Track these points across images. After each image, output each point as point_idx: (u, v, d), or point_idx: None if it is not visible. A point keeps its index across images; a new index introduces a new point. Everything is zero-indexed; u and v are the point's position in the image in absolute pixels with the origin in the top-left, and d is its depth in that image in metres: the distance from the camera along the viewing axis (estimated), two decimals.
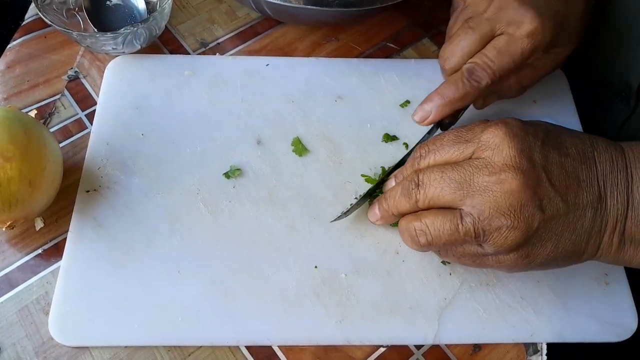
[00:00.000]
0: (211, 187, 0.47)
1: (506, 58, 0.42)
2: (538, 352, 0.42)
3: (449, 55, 0.45)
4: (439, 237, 0.38)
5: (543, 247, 0.36)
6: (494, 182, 0.36)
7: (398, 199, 0.40)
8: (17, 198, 0.41)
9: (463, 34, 0.44)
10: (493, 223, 0.35)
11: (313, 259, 0.44)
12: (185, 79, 0.53)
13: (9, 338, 0.41)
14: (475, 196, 0.36)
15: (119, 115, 0.50)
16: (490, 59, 0.43)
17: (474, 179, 0.36)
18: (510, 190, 0.35)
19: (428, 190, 0.38)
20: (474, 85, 0.43)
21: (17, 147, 0.41)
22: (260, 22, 0.58)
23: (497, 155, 0.36)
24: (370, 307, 0.43)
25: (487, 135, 0.37)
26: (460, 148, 0.38)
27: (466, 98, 0.44)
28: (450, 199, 0.37)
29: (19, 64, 0.54)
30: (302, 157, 0.49)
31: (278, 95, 0.52)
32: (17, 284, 0.44)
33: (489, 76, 0.43)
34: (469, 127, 0.39)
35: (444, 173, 0.37)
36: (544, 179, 0.36)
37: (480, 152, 0.37)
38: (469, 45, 0.44)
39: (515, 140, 0.36)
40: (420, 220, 0.38)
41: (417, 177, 0.39)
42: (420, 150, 0.40)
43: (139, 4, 0.56)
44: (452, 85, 0.43)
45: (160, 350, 0.41)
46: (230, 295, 0.43)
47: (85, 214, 0.45)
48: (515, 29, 0.42)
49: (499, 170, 0.36)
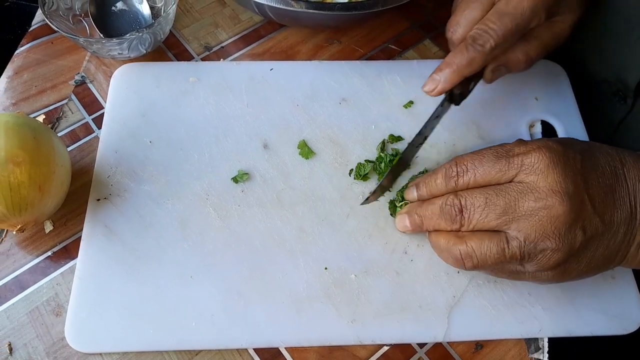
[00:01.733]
0: (220, 192, 0.48)
1: (507, 19, 0.43)
2: (540, 349, 0.43)
3: (454, 27, 0.45)
4: (485, 260, 0.38)
5: (579, 264, 0.38)
6: (541, 208, 0.36)
7: (437, 220, 0.40)
8: (27, 202, 0.41)
9: (465, 5, 0.45)
10: (539, 246, 0.37)
11: (323, 260, 0.45)
12: (191, 85, 0.53)
13: (20, 339, 0.42)
14: (521, 220, 0.37)
15: (126, 123, 0.51)
16: (492, 22, 0.43)
17: (519, 204, 0.37)
18: (557, 215, 0.36)
19: (473, 216, 0.38)
20: (478, 49, 0.43)
21: (26, 152, 0.41)
22: (263, 26, 0.59)
23: (542, 180, 0.37)
24: (380, 306, 0.43)
25: (532, 159, 0.38)
26: (502, 170, 0.38)
27: (473, 63, 0.43)
28: (495, 224, 0.38)
29: (26, 69, 0.55)
30: (309, 159, 0.50)
31: (283, 99, 0.53)
32: (27, 285, 0.44)
33: (493, 39, 0.43)
34: (508, 147, 0.39)
35: (489, 199, 0.38)
36: (586, 202, 0.37)
37: (524, 176, 0.38)
38: (472, 14, 0.44)
39: (559, 166, 0.37)
40: (466, 245, 0.39)
41: (459, 202, 0.39)
42: (457, 168, 0.40)
43: (143, 10, 0.56)
44: (458, 53, 0.44)
45: (168, 351, 0.42)
46: (242, 298, 0.43)
47: (97, 221, 0.46)
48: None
49: (545, 196, 0.37)
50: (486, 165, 0.39)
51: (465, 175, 0.40)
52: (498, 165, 0.39)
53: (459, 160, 0.41)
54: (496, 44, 0.43)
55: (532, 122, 0.53)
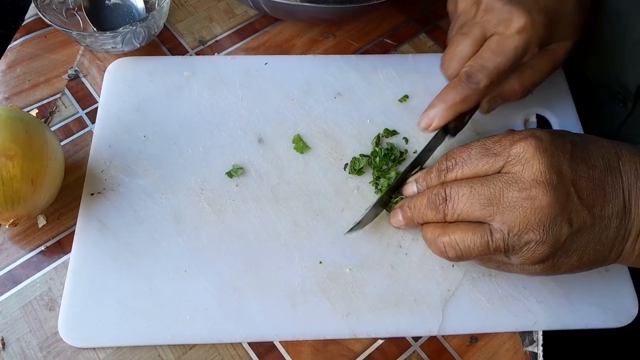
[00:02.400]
0: (214, 187, 0.48)
1: (500, 57, 0.42)
2: (534, 342, 0.43)
3: (447, 62, 0.45)
4: (469, 252, 0.38)
5: (568, 258, 0.37)
6: (524, 198, 0.36)
7: (424, 210, 0.40)
8: (20, 196, 0.41)
9: (457, 41, 0.44)
10: (522, 238, 0.36)
11: (318, 254, 0.45)
12: (185, 79, 0.53)
13: (13, 333, 0.42)
14: (505, 212, 0.36)
15: (121, 118, 0.51)
16: (485, 60, 0.43)
17: (504, 195, 0.37)
18: (540, 207, 0.36)
19: (457, 205, 0.38)
20: (472, 87, 0.43)
21: (19, 146, 0.41)
22: (258, 20, 0.58)
23: (527, 170, 0.37)
24: (375, 300, 0.43)
25: (517, 149, 0.37)
26: (490, 161, 0.38)
27: (467, 101, 0.43)
28: (479, 214, 0.37)
29: (19, 63, 0.55)
30: (304, 154, 0.50)
31: (278, 93, 0.53)
32: (20, 280, 0.44)
33: (487, 77, 0.43)
34: (496, 138, 0.39)
35: (473, 188, 0.38)
36: (572, 193, 0.36)
37: (510, 167, 0.37)
38: (463, 50, 0.44)
39: (545, 155, 0.37)
40: (449, 236, 0.38)
41: (444, 191, 0.39)
42: (447, 162, 0.40)
43: (137, 3, 0.56)
44: (452, 90, 0.43)
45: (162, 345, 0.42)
46: (237, 293, 0.43)
47: (91, 216, 0.46)
48: (505, 27, 0.43)
49: (529, 187, 0.36)
50: (474, 157, 0.39)
51: (455, 169, 0.40)
52: (486, 157, 0.39)
53: (449, 154, 0.41)
54: (490, 81, 0.43)
55: (527, 116, 0.53)
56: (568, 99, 0.54)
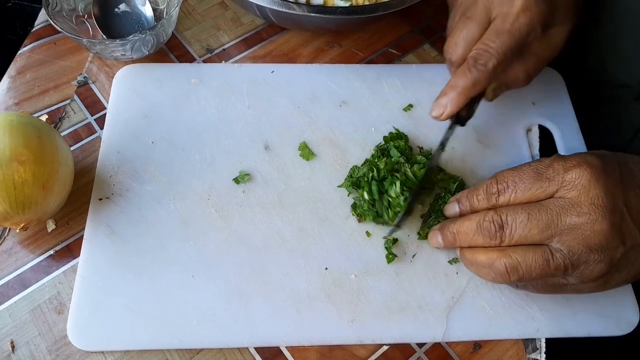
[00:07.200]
0: (221, 193, 0.48)
1: (505, 37, 0.43)
2: (537, 349, 0.44)
3: (453, 48, 0.46)
4: (530, 272, 0.38)
5: (619, 273, 0.39)
6: (584, 222, 0.37)
7: (474, 236, 0.40)
8: (31, 200, 0.42)
9: (462, 25, 0.45)
10: (582, 258, 0.37)
11: (323, 260, 0.46)
12: (193, 86, 0.54)
13: (22, 336, 0.43)
14: (564, 234, 0.38)
15: (129, 124, 0.51)
16: (491, 41, 0.43)
17: (562, 219, 0.38)
18: (600, 230, 0.37)
19: (515, 232, 0.39)
20: (481, 69, 0.43)
21: (30, 151, 0.42)
22: (264, 29, 0.59)
23: (584, 195, 0.38)
24: (380, 306, 0.44)
25: (572, 175, 0.38)
26: (543, 186, 0.39)
27: (477, 84, 0.44)
28: (538, 238, 0.38)
29: (29, 69, 0.55)
30: (309, 161, 0.50)
31: (284, 101, 0.53)
32: (30, 284, 0.45)
33: (495, 58, 0.43)
34: (547, 162, 0.40)
35: (531, 215, 0.38)
36: (626, 215, 0.38)
37: (565, 192, 0.38)
38: (469, 34, 0.45)
39: (600, 181, 0.38)
40: (511, 257, 0.39)
41: (500, 218, 0.39)
42: (498, 185, 0.41)
43: (146, 11, 0.57)
44: (462, 75, 0.44)
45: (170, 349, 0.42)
46: (243, 298, 0.44)
47: (99, 221, 0.46)
48: (508, 7, 0.43)
49: (587, 211, 0.37)
50: (527, 182, 0.40)
51: (507, 193, 0.40)
52: (539, 182, 0.39)
53: (500, 177, 0.41)
54: (498, 62, 0.43)
55: (529, 127, 0.54)
56: (569, 110, 0.54)
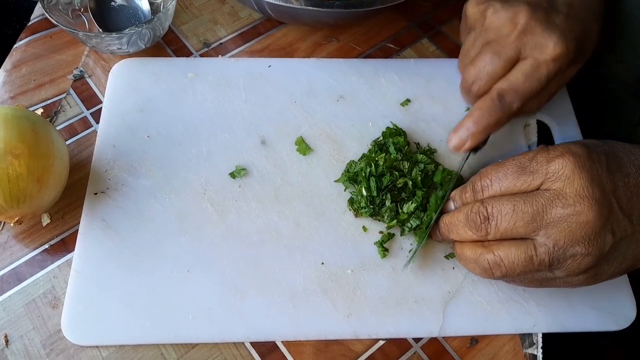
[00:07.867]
0: (217, 187, 0.48)
1: (533, 82, 0.43)
2: (534, 344, 0.43)
3: (475, 79, 0.45)
4: (514, 268, 0.38)
5: (609, 265, 0.38)
6: (570, 214, 0.36)
7: (462, 229, 0.40)
8: (25, 194, 0.41)
9: (488, 59, 0.44)
10: (567, 252, 0.36)
11: (320, 255, 0.45)
12: (189, 81, 0.53)
13: (17, 331, 0.42)
14: (549, 227, 0.37)
15: (125, 118, 0.51)
16: (519, 84, 0.43)
17: (547, 211, 0.37)
18: (586, 221, 0.36)
19: (500, 224, 0.38)
20: (505, 110, 0.43)
21: (25, 145, 0.41)
22: (262, 23, 0.59)
23: (569, 186, 0.37)
24: (377, 301, 0.44)
25: (556, 165, 0.37)
26: (527, 180, 0.38)
27: (499, 123, 0.44)
28: (523, 232, 0.37)
29: (25, 63, 0.55)
30: (306, 156, 0.50)
31: (281, 95, 0.53)
32: (24, 278, 0.44)
33: (520, 100, 0.43)
34: (530, 155, 0.39)
35: (516, 207, 0.37)
36: (614, 205, 0.37)
37: (550, 184, 0.37)
38: (495, 70, 0.44)
39: (584, 171, 0.37)
40: (493, 253, 0.38)
41: (485, 210, 0.38)
42: (482, 182, 0.40)
43: (143, 5, 0.56)
44: (486, 112, 0.44)
45: (165, 344, 0.42)
46: (239, 292, 0.44)
47: (94, 216, 0.46)
48: (540, 53, 0.43)
49: (573, 202, 0.36)
50: (510, 177, 0.39)
51: (491, 189, 0.40)
52: (523, 176, 0.38)
53: (483, 173, 0.40)
54: (523, 103, 0.43)
55: (527, 122, 0.53)
56: (567, 105, 0.54)
